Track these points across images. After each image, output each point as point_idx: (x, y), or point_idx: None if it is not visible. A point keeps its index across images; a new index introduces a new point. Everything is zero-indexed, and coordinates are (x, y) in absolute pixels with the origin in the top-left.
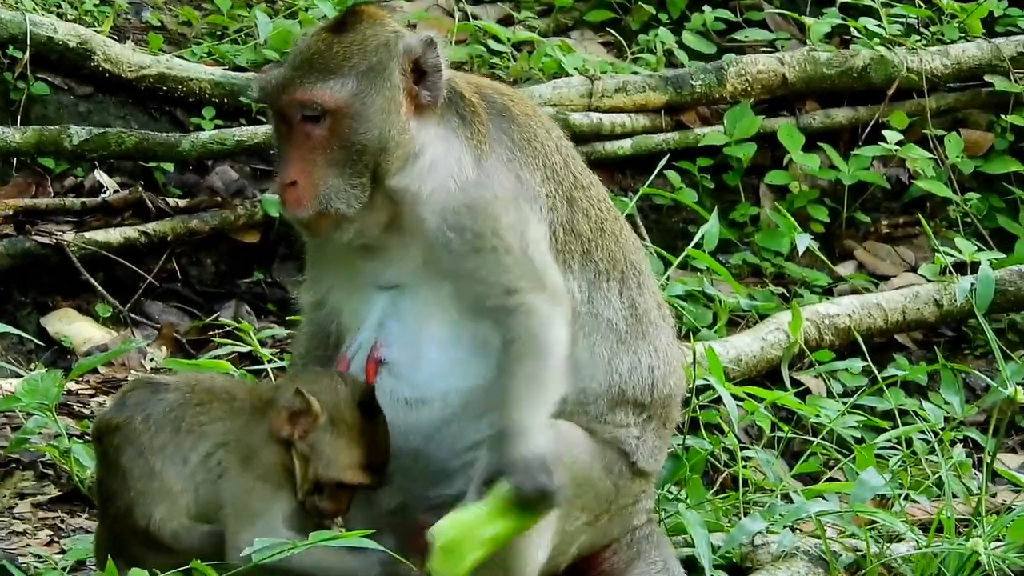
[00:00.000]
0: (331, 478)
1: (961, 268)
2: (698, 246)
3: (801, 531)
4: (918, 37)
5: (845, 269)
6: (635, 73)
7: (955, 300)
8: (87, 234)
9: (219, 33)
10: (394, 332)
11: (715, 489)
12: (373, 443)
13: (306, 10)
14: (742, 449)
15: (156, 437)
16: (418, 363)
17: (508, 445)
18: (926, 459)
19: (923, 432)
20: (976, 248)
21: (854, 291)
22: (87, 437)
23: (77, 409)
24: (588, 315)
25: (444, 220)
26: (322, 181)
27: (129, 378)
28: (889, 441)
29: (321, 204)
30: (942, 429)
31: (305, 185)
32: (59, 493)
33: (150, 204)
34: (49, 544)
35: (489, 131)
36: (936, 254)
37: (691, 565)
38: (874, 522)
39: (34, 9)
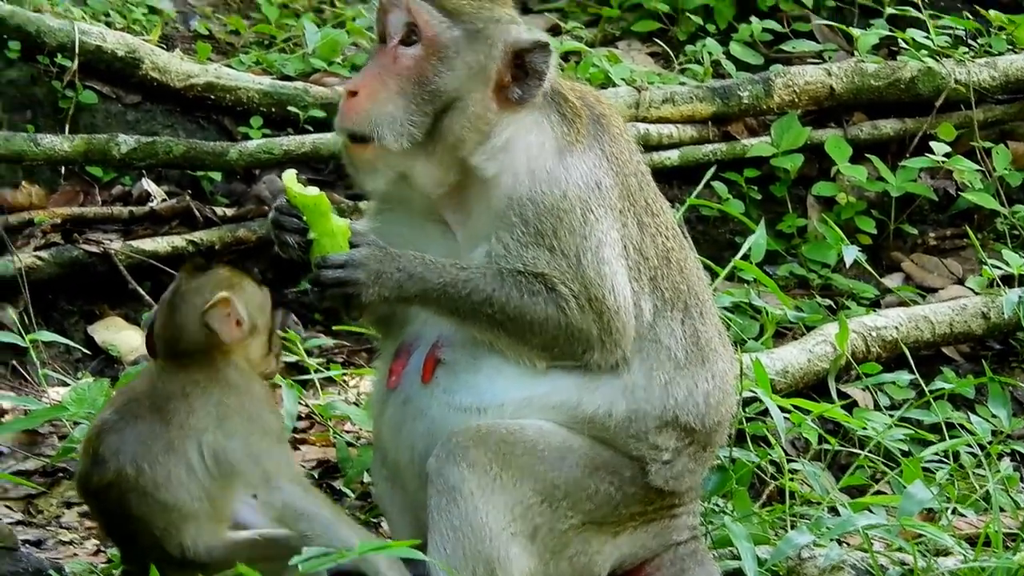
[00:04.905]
0: (270, 321)
1: (1009, 281)
2: (745, 257)
3: (848, 544)
4: (966, 49)
5: (892, 281)
6: (682, 84)
7: (1003, 313)
8: (134, 243)
9: (267, 42)
10: (457, 332)
11: (762, 502)
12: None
13: (353, 19)
14: (789, 461)
15: (154, 471)
16: (477, 368)
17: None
18: (973, 472)
19: (970, 445)
20: None
21: (901, 303)
22: None
23: None
24: (650, 341)
25: (509, 207)
26: (383, 103)
27: None
28: (936, 454)
29: (369, 125)
30: (989, 442)
31: (364, 99)
32: None
33: (197, 213)
34: (96, 554)
35: (584, 135)
36: (984, 267)
37: None
38: (921, 536)
39: (83, 18)
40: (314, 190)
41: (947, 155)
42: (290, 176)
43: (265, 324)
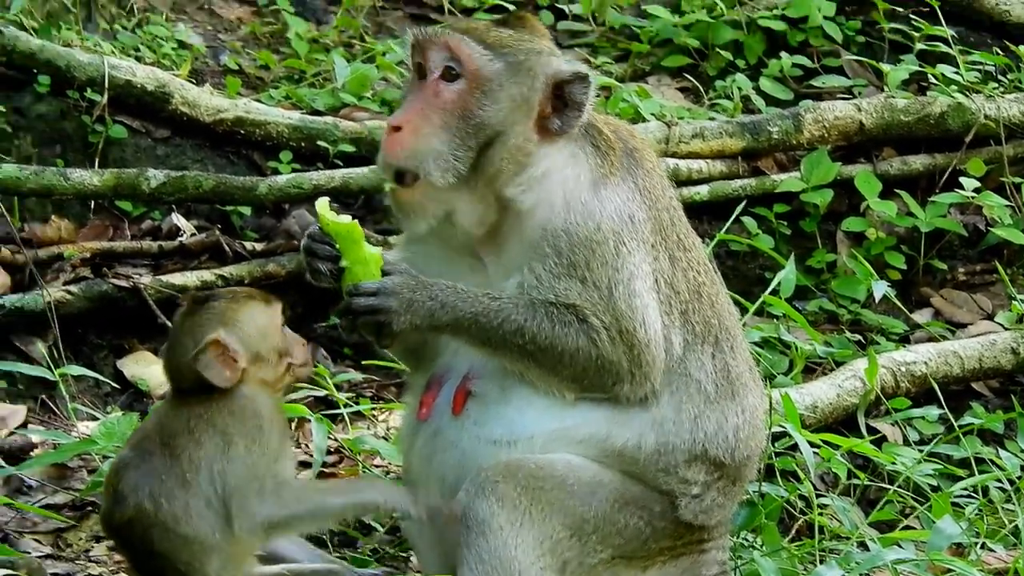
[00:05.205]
0: (278, 343)
1: None
2: (775, 292)
3: None
4: (995, 84)
5: (922, 316)
6: (712, 119)
7: None
8: (164, 277)
9: (297, 77)
10: (487, 364)
11: (791, 536)
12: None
13: (383, 54)
14: (818, 496)
15: (172, 505)
16: (507, 400)
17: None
18: (1002, 507)
19: (999, 480)
20: None
21: (931, 339)
22: None
23: None
24: (680, 374)
25: (543, 238)
26: (427, 138)
27: None
28: (965, 489)
29: (415, 161)
30: (1019, 477)
31: (409, 133)
32: None
33: (227, 247)
34: None
35: (617, 168)
36: (1013, 302)
37: None
38: (950, 571)
39: (113, 52)
40: (347, 218)
41: (977, 190)
42: (323, 204)
43: (272, 348)
